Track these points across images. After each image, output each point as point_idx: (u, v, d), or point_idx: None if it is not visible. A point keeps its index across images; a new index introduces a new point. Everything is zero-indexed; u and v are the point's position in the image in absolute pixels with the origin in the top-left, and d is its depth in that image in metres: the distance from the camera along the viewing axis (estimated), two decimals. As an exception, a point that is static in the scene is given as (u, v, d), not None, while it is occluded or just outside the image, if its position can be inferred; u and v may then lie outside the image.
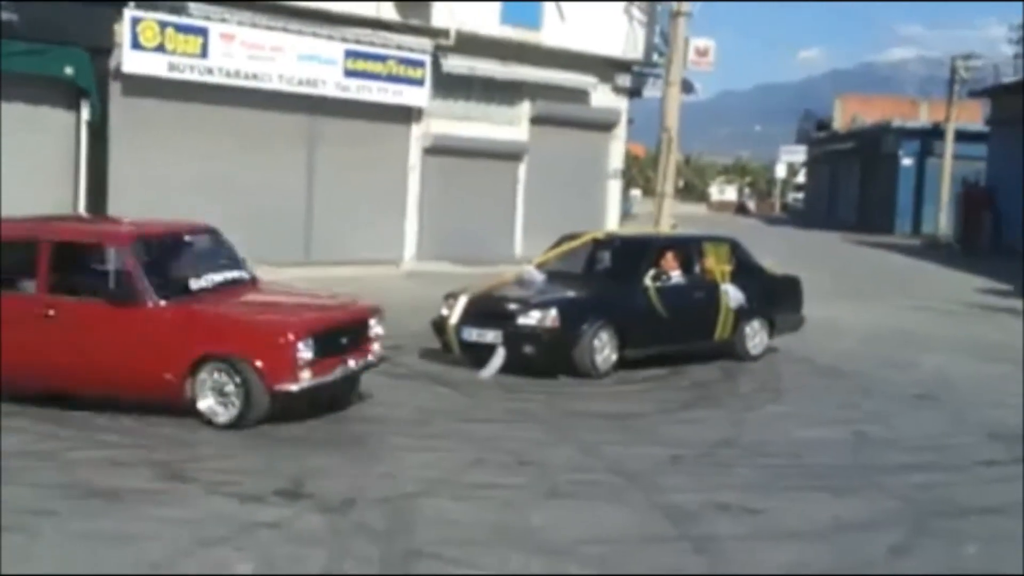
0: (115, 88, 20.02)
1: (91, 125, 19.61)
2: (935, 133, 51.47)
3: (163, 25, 20.09)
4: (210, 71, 20.88)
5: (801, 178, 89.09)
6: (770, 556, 6.49)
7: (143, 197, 20.16)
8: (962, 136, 47.91)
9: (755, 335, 13.89)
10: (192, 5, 20.58)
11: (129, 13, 19.70)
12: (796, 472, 8.55)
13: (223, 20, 20.94)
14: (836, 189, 69.18)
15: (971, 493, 8.08)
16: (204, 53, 20.70)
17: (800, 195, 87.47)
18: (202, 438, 8.65)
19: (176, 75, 20.44)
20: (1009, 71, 45.63)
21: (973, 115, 50.11)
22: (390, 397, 10.86)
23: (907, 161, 54.27)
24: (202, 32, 20.68)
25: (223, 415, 8.88)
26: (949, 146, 47.82)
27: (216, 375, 8.90)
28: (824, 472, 8.57)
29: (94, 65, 19.33)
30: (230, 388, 8.86)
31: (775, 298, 14.39)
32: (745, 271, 14.11)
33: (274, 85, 21.80)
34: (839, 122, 72.98)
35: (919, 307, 21.00)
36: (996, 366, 14.31)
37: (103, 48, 19.61)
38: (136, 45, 19.85)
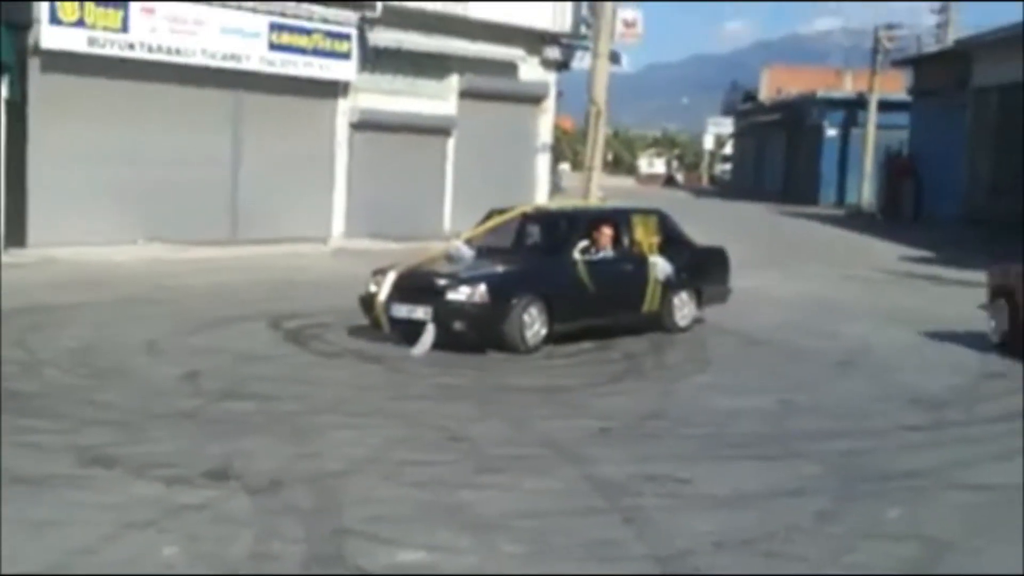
0: (34, 64, 19.64)
1: (10, 103, 19.21)
2: (859, 103, 52.12)
3: (82, -1, 19.72)
4: (131, 46, 20.56)
5: (729, 150, 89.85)
6: (698, 524, 6.56)
7: (64, 174, 19.88)
8: (885, 106, 48.54)
9: (683, 307, 14.00)
10: (112, -22, 20.22)
11: (47, -13, 19.31)
12: (723, 441, 8.65)
13: (143, -6, 20.60)
14: (762, 160, 69.88)
15: (893, 458, 8.23)
16: (125, 27, 20.39)
17: (728, 167, 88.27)
18: (128, 421, 8.54)
19: (96, 50, 20.12)
20: (931, 41, 46.31)
21: (896, 85, 50.79)
22: (318, 375, 10.81)
23: (831, 131, 54.94)
24: (123, 6, 20.34)
25: None
26: (872, 116, 48.44)
27: None
28: (751, 441, 8.68)
29: (13, 41, 18.94)
30: None
31: (702, 270, 14.51)
32: (673, 243, 14.20)
33: (197, 60, 21.53)
34: (765, 93, 73.68)
35: (843, 276, 21.32)
36: (916, 333, 14.58)
37: (21, 24, 19.21)
38: (55, 20, 19.50)
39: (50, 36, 19.50)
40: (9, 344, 11.49)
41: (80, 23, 19.76)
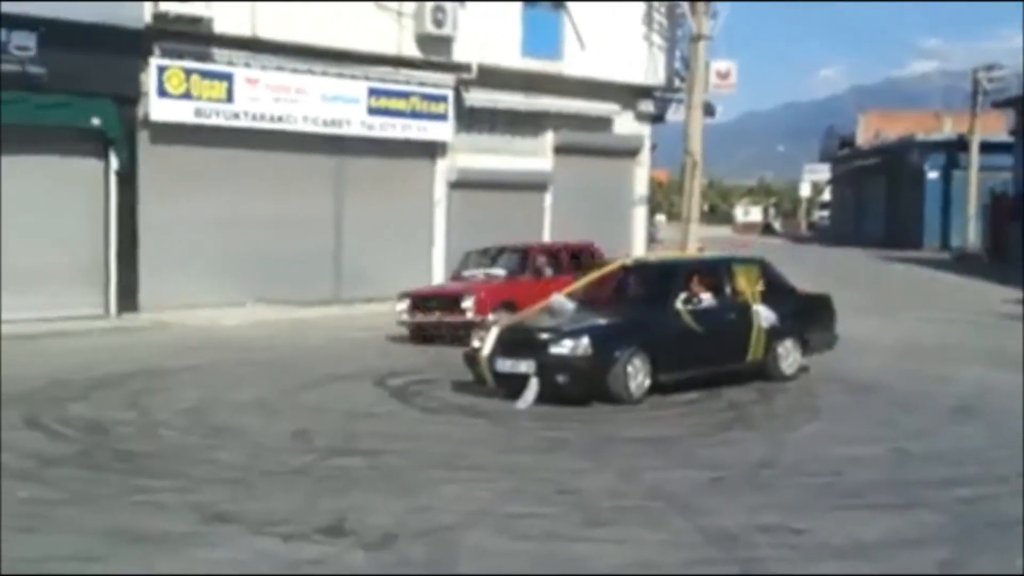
0: (143, 136, 20.30)
1: (119, 174, 19.85)
2: (960, 145, 51.23)
3: (188, 72, 20.39)
4: (236, 115, 21.14)
5: (827, 196, 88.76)
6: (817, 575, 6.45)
7: (173, 242, 20.45)
8: (987, 147, 47.64)
9: (788, 355, 13.82)
10: (216, 51, 20.85)
11: (155, 62, 20.02)
12: (838, 491, 8.49)
13: (247, 65, 21.23)
14: (862, 205, 68.89)
15: (1017, 505, 7.99)
16: (230, 98, 20.99)
17: (826, 213, 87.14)
18: (243, 479, 8.69)
19: (203, 120, 20.73)
20: (1032, 81, 45.41)
21: (997, 126, 49.84)
22: (425, 431, 10.89)
23: (933, 175, 54.05)
24: (227, 77, 20.96)
25: None
26: (975, 158, 47.56)
27: None
28: (866, 489, 8.50)
29: (122, 114, 19.63)
30: None
31: (807, 317, 14.32)
32: (775, 291, 14.08)
33: (299, 126, 22.06)
34: (862, 138, 72.76)
35: (950, 320, 20.88)
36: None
37: (130, 97, 19.91)
38: (163, 93, 20.16)
39: (159, 109, 20.17)
40: (124, 406, 11.82)
41: (187, 95, 20.41)
